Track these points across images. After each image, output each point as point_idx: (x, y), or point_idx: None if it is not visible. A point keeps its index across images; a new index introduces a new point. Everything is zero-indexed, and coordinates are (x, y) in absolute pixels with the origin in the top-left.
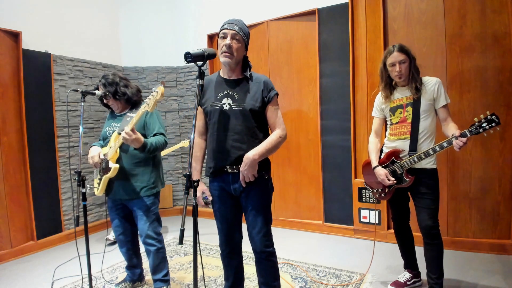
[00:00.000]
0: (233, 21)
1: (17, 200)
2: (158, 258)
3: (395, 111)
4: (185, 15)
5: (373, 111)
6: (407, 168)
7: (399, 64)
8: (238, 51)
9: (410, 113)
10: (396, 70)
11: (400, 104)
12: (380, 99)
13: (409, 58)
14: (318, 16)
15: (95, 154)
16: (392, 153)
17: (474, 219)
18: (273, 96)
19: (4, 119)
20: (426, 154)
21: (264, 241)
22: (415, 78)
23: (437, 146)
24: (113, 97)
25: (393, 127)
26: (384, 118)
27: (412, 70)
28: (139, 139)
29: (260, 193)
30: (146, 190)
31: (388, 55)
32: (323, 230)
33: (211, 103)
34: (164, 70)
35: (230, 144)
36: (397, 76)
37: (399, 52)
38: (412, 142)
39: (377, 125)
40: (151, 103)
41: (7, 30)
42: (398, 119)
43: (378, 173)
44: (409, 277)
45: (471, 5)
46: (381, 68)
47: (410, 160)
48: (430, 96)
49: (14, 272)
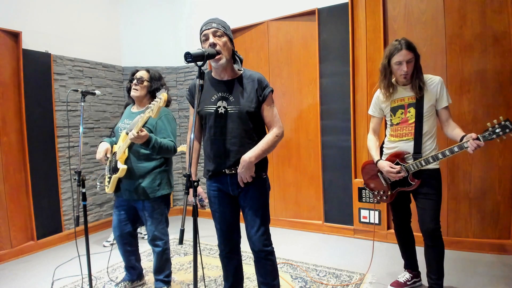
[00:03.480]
0: (209, 21)
1: (17, 200)
2: (162, 259)
3: (396, 111)
4: (185, 15)
5: (371, 109)
6: (412, 171)
7: (406, 63)
8: (225, 46)
9: (413, 114)
10: (403, 69)
11: (401, 104)
12: (380, 98)
13: (415, 56)
14: (318, 16)
15: (102, 150)
16: (396, 154)
17: (474, 219)
18: (267, 94)
19: (4, 119)
20: (435, 158)
21: (262, 240)
22: (419, 76)
23: (447, 150)
24: (148, 90)
25: (394, 128)
26: (382, 118)
27: (417, 68)
28: (144, 136)
29: (258, 193)
30: (153, 192)
31: (396, 52)
32: (323, 230)
33: (205, 106)
34: (164, 70)
35: (229, 148)
36: (402, 75)
37: (407, 51)
38: (416, 144)
39: (375, 124)
40: (155, 110)
41: (7, 30)
42: (399, 120)
43: (381, 165)
44: (409, 277)
45: (471, 5)
46: (384, 64)
47: (416, 163)
48: (432, 97)
49: (14, 272)
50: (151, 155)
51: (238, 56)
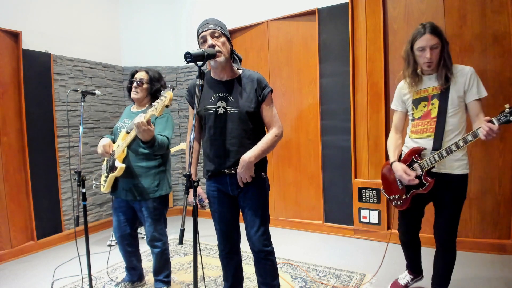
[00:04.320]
0: (205, 22)
1: (17, 200)
2: (161, 259)
3: (419, 103)
4: (185, 15)
5: (393, 103)
6: (427, 168)
7: (430, 49)
8: (224, 46)
9: (436, 107)
10: (426, 56)
11: (424, 95)
12: (404, 89)
13: (441, 42)
14: (318, 16)
15: (104, 144)
16: (413, 151)
17: (474, 219)
18: (267, 94)
19: (4, 119)
20: (449, 151)
21: (262, 240)
22: (446, 65)
23: (461, 141)
24: (149, 92)
25: (415, 123)
26: (406, 112)
27: (444, 56)
28: (151, 131)
29: (258, 193)
30: (151, 192)
31: (419, 36)
32: (323, 230)
33: (205, 107)
34: (164, 70)
35: (228, 149)
36: (426, 63)
37: (431, 35)
38: (436, 141)
39: (397, 119)
40: (159, 108)
41: (7, 30)
42: (421, 114)
43: (396, 168)
44: (410, 280)
45: (471, 5)
46: (407, 50)
47: (430, 159)
48: (460, 88)
49: (14, 272)
50: (150, 154)
51: (236, 55)
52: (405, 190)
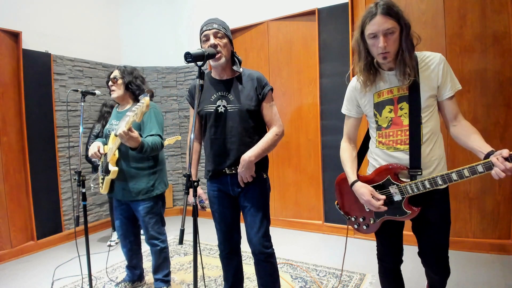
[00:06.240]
0: (210, 21)
1: (17, 200)
2: (160, 258)
3: (382, 108)
4: (186, 15)
5: (344, 107)
6: (410, 195)
7: (383, 36)
8: (225, 47)
9: (407, 112)
10: (379, 45)
11: (388, 98)
12: (357, 88)
13: (399, 25)
14: (318, 16)
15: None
16: (387, 169)
17: (474, 219)
18: (267, 93)
19: (4, 119)
20: (446, 180)
21: (263, 241)
22: (403, 59)
23: (466, 170)
24: (125, 87)
25: (383, 133)
26: (360, 118)
27: (403, 44)
28: (135, 138)
29: (258, 193)
30: (146, 192)
31: (369, 19)
32: (323, 230)
33: (205, 106)
34: (164, 70)
35: (229, 147)
36: (381, 55)
37: (384, 17)
38: (413, 157)
39: (351, 127)
40: (139, 114)
41: (7, 30)
42: (388, 122)
43: (359, 192)
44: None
45: (471, 5)
46: (357, 38)
47: (418, 184)
48: (432, 83)
49: (14, 272)
50: (141, 156)
51: (237, 57)
52: (373, 214)
